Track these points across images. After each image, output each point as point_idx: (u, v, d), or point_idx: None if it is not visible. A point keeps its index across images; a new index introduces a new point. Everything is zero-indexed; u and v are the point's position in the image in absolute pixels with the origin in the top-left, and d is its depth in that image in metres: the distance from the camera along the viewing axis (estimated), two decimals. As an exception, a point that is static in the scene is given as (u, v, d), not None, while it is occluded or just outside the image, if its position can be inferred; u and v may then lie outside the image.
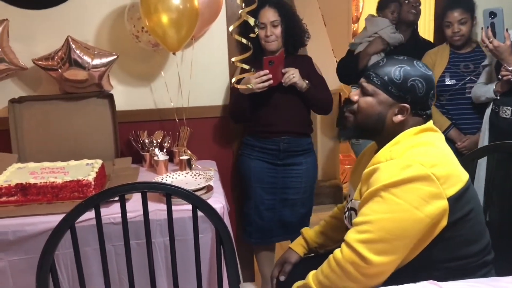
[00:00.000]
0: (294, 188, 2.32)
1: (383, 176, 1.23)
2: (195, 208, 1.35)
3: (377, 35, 2.86)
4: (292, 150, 2.29)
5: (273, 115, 2.26)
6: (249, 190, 2.34)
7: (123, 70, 2.39)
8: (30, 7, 2.26)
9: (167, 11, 1.99)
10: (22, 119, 2.27)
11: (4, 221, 1.70)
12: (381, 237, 1.20)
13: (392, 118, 1.33)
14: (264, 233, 2.36)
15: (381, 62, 1.37)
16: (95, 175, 1.87)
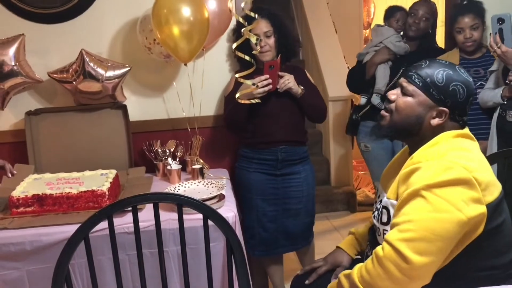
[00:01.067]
0: (296, 197, 2.31)
1: (425, 176, 1.22)
2: (206, 217, 1.37)
3: (383, 45, 2.88)
4: (290, 159, 2.29)
5: (269, 125, 2.26)
6: (250, 203, 2.31)
7: (136, 81, 2.43)
8: (45, 22, 2.31)
9: (178, 23, 2.03)
10: (38, 131, 2.32)
11: (21, 232, 1.74)
12: (423, 236, 1.18)
13: (430, 120, 1.32)
14: (268, 245, 2.34)
15: (423, 64, 1.35)
16: (109, 185, 1.91)
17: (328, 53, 4.26)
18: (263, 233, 2.31)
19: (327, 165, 4.16)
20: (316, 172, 2.48)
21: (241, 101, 2.09)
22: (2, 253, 1.71)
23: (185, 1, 2.04)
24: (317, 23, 4.42)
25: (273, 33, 2.22)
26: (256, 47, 2.16)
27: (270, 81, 2.11)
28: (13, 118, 2.37)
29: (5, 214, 1.86)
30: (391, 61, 2.87)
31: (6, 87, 2.20)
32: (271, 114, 2.25)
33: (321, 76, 4.13)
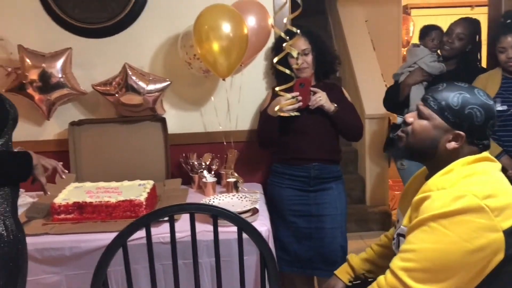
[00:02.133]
0: (330, 215, 2.27)
1: (434, 205, 1.20)
2: (240, 230, 1.38)
3: (417, 65, 2.84)
4: (322, 177, 2.27)
5: (303, 142, 2.26)
6: (284, 219, 2.29)
7: (175, 95, 2.49)
8: (91, 36, 2.42)
9: (218, 39, 2.07)
10: (81, 141, 2.41)
11: (61, 237, 1.80)
12: (424, 266, 1.18)
13: (445, 144, 1.31)
14: (304, 263, 2.30)
15: (440, 87, 1.34)
16: (146, 196, 1.95)
17: (366, 71, 4.24)
18: (298, 249, 2.29)
19: (362, 183, 4.11)
20: (351, 191, 2.46)
21: (281, 114, 2.11)
22: (43, 257, 1.77)
23: (225, 18, 2.09)
24: (355, 41, 4.42)
25: (310, 50, 2.24)
26: (297, 61, 2.18)
27: (300, 98, 2.12)
28: (58, 128, 2.47)
29: (47, 220, 1.93)
30: (427, 81, 2.83)
31: (53, 98, 2.30)
32: (304, 131, 2.25)
33: (358, 94, 4.11)
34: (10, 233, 1.39)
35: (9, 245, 1.38)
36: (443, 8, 6.36)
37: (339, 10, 4.75)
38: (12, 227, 1.41)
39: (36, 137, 2.46)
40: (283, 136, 2.26)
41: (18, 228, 1.45)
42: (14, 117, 1.48)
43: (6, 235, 1.38)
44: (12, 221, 1.42)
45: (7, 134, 1.45)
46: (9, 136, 1.47)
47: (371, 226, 3.96)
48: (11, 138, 1.49)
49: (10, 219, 1.41)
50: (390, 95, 3.02)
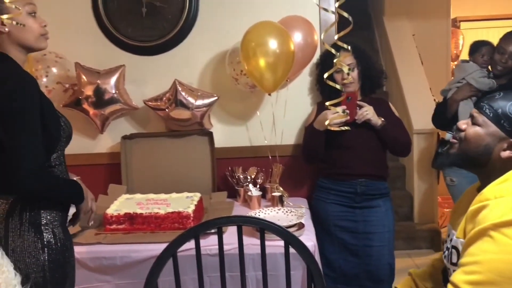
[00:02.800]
0: (377, 233, 2.23)
1: (493, 214, 1.16)
2: (287, 244, 1.39)
3: (465, 81, 2.77)
4: (369, 194, 2.24)
5: (349, 157, 2.23)
6: (330, 234, 2.26)
7: (222, 110, 2.55)
8: (143, 54, 2.52)
9: (265, 56, 2.11)
10: (132, 154, 2.50)
11: (113, 247, 1.87)
12: (490, 279, 1.12)
13: (499, 152, 1.27)
14: (350, 279, 2.26)
15: (497, 95, 1.32)
16: (194, 208, 2.00)
17: (414, 85, 4.16)
18: (344, 266, 2.26)
19: (410, 200, 4.00)
20: (398, 207, 2.40)
21: (332, 128, 2.11)
22: (96, 266, 1.84)
23: (272, 35, 2.13)
24: (402, 55, 4.36)
25: (356, 65, 2.24)
26: (347, 77, 2.18)
27: (348, 112, 2.12)
28: (110, 141, 2.57)
29: (100, 230, 2.00)
30: (476, 97, 2.75)
31: (106, 112, 2.41)
32: (351, 146, 2.23)
33: (406, 108, 4.03)
34: (58, 241, 1.46)
35: (57, 252, 1.45)
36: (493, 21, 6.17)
37: (386, 24, 4.70)
38: (60, 235, 1.47)
39: (90, 150, 2.58)
40: (329, 150, 2.25)
41: (66, 237, 1.51)
42: (68, 134, 1.55)
43: (54, 242, 1.45)
44: (60, 230, 1.49)
45: (60, 150, 1.53)
46: (62, 152, 1.55)
47: (420, 244, 3.85)
48: (63, 153, 1.57)
49: (58, 227, 1.48)
50: (438, 111, 2.96)
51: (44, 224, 1.44)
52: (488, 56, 2.82)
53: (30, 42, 1.45)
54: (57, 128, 1.48)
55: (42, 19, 1.49)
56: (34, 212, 1.42)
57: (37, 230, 1.42)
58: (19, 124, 1.34)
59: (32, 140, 1.35)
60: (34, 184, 1.36)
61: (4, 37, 1.42)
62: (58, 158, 1.52)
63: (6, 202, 1.41)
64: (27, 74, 1.43)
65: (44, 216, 1.44)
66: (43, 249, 1.41)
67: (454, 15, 5.65)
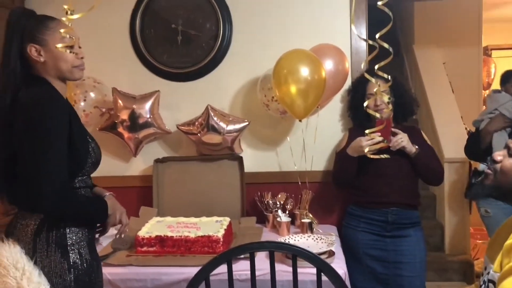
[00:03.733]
0: (408, 263, 2.19)
1: None
2: (320, 271, 1.38)
3: (498, 112, 2.73)
4: (400, 223, 2.21)
5: (381, 184, 2.22)
6: (360, 263, 2.24)
7: (252, 135, 2.58)
8: (177, 80, 2.59)
9: (296, 83, 2.14)
10: (164, 177, 2.54)
11: (144, 269, 1.89)
12: None
13: None
14: None
15: None
16: (223, 232, 2.01)
17: (444, 114, 4.12)
18: None
19: (441, 230, 3.91)
20: (429, 238, 2.37)
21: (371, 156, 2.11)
22: (127, 287, 1.86)
23: (304, 62, 2.16)
24: (432, 83, 4.33)
25: (388, 92, 2.24)
26: (388, 106, 2.19)
27: (382, 139, 2.12)
28: (143, 164, 2.63)
29: (131, 252, 2.03)
30: (510, 127, 2.70)
31: (140, 136, 2.47)
32: (383, 174, 2.22)
33: (437, 137, 3.98)
34: (84, 262, 1.48)
35: (83, 273, 1.47)
36: (526, 49, 6.10)
37: (416, 52, 4.70)
38: (87, 256, 1.50)
39: (123, 173, 2.64)
40: (360, 177, 2.24)
41: (92, 257, 1.53)
42: (95, 160, 1.57)
43: (80, 263, 1.47)
44: (87, 250, 1.51)
45: (87, 174, 1.56)
46: (88, 175, 1.57)
47: (451, 276, 3.73)
48: (90, 177, 1.59)
49: (85, 248, 1.50)
50: (471, 142, 2.91)
51: (70, 244, 1.46)
52: None
53: (63, 72, 1.50)
54: (85, 153, 1.51)
55: (80, 51, 1.53)
56: (60, 233, 1.45)
57: (64, 251, 1.44)
58: (45, 145, 1.36)
59: (56, 162, 1.37)
60: (55, 205, 1.38)
61: (41, 66, 1.47)
62: (84, 181, 1.55)
63: (34, 223, 1.44)
64: (60, 97, 1.48)
65: (70, 237, 1.47)
66: (69, 270, 1.44)
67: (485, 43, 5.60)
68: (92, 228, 1.59)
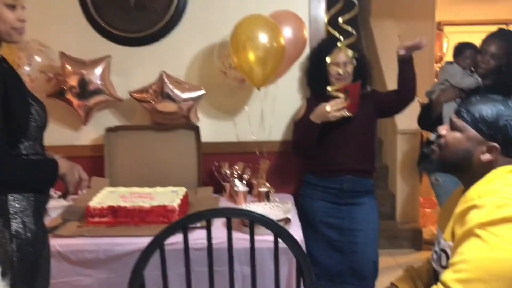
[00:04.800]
0: (362, 230, 2.24)
1: (479, 214, 1.18)
2: (277, 237, 1.37)
3: (448, 83, 2.80)
4: (355, 191, 2.25)
5: (336, 153, 2.24)
6: (316, 230, 2.27)
7: (209, 104, 2.52)
8: (130, 45, 2.47)
9: (254, 50, 2.09)
10: (116, 147, 2.45)
11: (96, 240, 1.83)
12: (478, 276, 1.14)
13: (479, 156, 1.29)
14: (334, 277, 2.27)
15: (474, 100, 1.34)
16: (179, 202, 1.96)
17: (397, 85, 4.18)
18: (328, 262, 2.26)
19: (392, 199, 4.03)
20: (381, 207, 2.42)
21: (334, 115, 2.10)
22: (78, 259, 1.80)
23: (263, 28, 2.11)
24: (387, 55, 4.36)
25: (351, 62, 2.24)
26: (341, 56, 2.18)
27: (345, 105, 2.11)
28: (94, 133, 2.52)
29: (82, 223, 1.96)
30: (460, 98, 2.78)
31: (91, 104, 2.36)
32: (340, 142, 2.23)
33: (390, 109, 4.05)
34: (27, 231, 1.40)
35: (27, 243, 1.39)
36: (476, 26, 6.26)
37: (372, 24, 4.73)
38: (31, 226, 1.41)
39: (73, 142, 2.52)
40: (317, 147, 2.24)
41: (38, 227, 1.45)
42: (40, 124, 1.47)
43: (24, 233, 1.39)
44: (32, 220, 1.42)
45: (33, 139, 1.45)
46: (36, 141, 1.47)
47: (401, 243, 3.88)
48: (39, 142, 1.49)
49: (30, 217, 1.41)
50: (423, 113, 2.98)
51: (13, 213, 1.38)
52: (472, 58, 2.85)
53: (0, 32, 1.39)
54: (25, 116, 1.41)
55: (20, 14, 1.40)
56: (1, 200, 1.36)
57: (5, 219, 1.36)
58: None
59: None
60: None
61: None
62: (32, 147, 1.45)
63: None
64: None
65: (12, 205, 1.38)
66: (11, 239, 1.36)
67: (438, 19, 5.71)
68: (44, 193, 1.49)
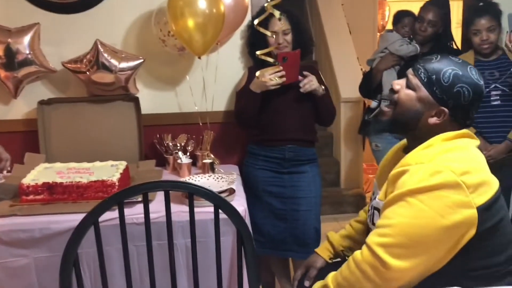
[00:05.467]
0: (304, 197, 2.27)
1: (411, 180, 1.20)
2: (217, 208, 1.35)
3: (387, 51, 2.86)
4: (297, 159, 2.27)
5: (279, 122, 2.24)
6: (259, 200, 2.29)
7: (149, 74, 2.43)
8: (61, 12, 2.31)
9: (193, 16, 2.02)
10: (50, 121, 2.32)
11: (30, 219, 1.74)
12: (400, 242, 1.18)
13: (428, 118, 1.30)
14: (277, 244, 2.30)
15: (434, 58, 1.32)
16: (119, 176, 1.90)
17: (342, 55, 4.23)
18: (272, 231, 2.28)
19: (337, 166, 4.13)
20: (326, 174, 2.46)
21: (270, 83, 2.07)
22: (11, 239, 1.71)
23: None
24: (331, 24, 4.40)
25: (291, 31, 2.21)
26: (280, 24, 2.14)
27: (284, 73, 2.09)
28: (26, 107, 2.37)
29: (15, 201, 1.85)
30: (399, 65, 2.85)
31: (20, 75, 2.20)
32: (281, 111, 2.23)
33: (334, 77, 4.11)
34: None
35: None
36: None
37: (316, -7, 4.72)
38: None
39: (3, 117, 2.36)
40: (259, 116, 2.23)
41: None
42: None
43: None
44: None
45: None
46: None
47: (346, 209, 4.00)
48: None
49: None
50: (364, 81, 3.05)
51: None
52: (410, 26, 2.90)
53: None
54: None
55: None
56: None
57: None
58: None
59: None
60: None
61: None
62: None
63: None
64: None
65: None
66: None
67: (380, -13, 5.78)
68: None
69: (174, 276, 1.44)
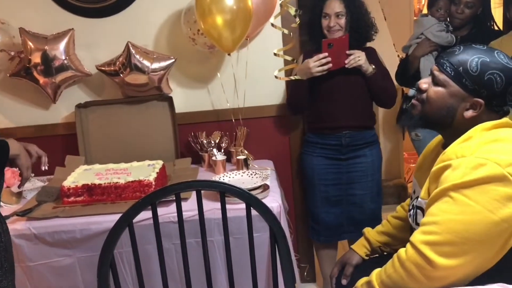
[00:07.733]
0: (360, 183, 2.26)
1: (454, 175, 1.15)
2: (249, 206, 1.35)
3: (424, 36, 2.73)
4: (355, 144, 2.24)
5: (334, 110, 2.22)
6: (314, 188, 2.30)
7: (181, 73, 2.44)
8: (93, 16, 2.36)
9: (221, 13, 2.01)
10: (88, 123, 2.38)
11: (72, 220, 1.79)
12: (448, 239, 1.12)
13: (463, 112, 1.24)
14: (332, 231, 2.32)
15: (457, 50, 1.26)
16: (156, 175, 1.93)
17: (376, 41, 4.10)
18: (327, 218, 2.30)
19: (376, 157, 4.04)
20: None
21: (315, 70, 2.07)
22: (55, 240, 1.77)
23: (228, -10, 2.02)
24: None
25: (345, 14, 2.15)
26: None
27: (329, 60, 2.06)
28: (64, 111, 2.44)
29: (57, 203, 1.92)
30: (437, 51, 2.72)
31: (57, 80, 2.27)
32: (332, 98, 2.20)
33: (370, 65, 4.01)
34: None
35: None
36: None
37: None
38: None
39: (44, 121, 2.45)
40: (314, 104, 2.23)
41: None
42: None
43: None
44: None
45: None
46: None
47: (387, 200, 3.89)
48: None
49: None
50: (401, 68, 2.93)
51: None
52: (445, 9, 2.77)
53: None
54: None
55: None
56: None
57: None
58: None
59: None
60: None
61: None
62: None
63: None
64: None
65: None
66: None
67: (416, -30, 5.58)
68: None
69: (209, 272, 1.44)
